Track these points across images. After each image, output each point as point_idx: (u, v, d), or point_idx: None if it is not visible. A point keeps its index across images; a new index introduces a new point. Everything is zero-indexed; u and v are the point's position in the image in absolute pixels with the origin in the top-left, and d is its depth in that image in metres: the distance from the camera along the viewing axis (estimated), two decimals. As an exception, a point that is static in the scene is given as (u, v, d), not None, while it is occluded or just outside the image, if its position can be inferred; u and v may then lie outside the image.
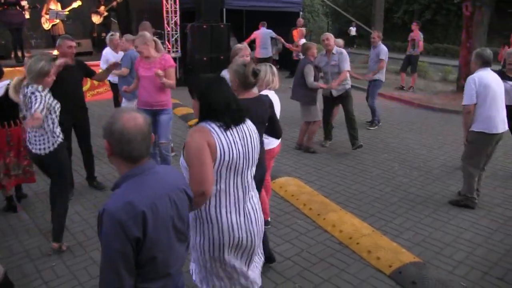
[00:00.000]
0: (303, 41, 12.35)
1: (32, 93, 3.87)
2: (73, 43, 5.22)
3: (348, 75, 7.05)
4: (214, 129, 2.47)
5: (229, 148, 2.48)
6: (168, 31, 12.32)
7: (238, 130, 2.56)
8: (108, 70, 5.67)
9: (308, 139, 7.22)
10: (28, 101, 3.89)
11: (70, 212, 4.71)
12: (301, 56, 12.55)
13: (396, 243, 4.35)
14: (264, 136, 3.67)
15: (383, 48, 8.55)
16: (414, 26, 12.75)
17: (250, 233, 2.65)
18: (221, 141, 2.46)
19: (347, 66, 6.92)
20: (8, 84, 4.52)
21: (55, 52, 11.47)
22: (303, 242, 4.45)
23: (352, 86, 7.27)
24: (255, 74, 3.33)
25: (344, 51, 7.06)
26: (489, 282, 3.83)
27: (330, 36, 7.02)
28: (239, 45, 4.94)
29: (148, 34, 5.48)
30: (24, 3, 10.83)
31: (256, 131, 2.71)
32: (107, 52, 7.81)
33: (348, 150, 7.28)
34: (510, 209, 5.22)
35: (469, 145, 5.13)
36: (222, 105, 2.51)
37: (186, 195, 2.09)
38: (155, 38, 5.69)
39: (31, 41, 13.06)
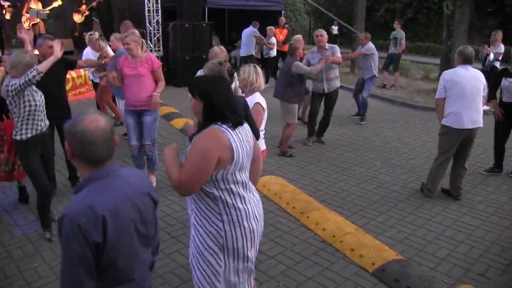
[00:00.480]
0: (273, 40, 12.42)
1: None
2: (53, 43, 5.12)
3: (337, 73, 7.36)
4: (228, 132, 2.43)
5: (241, 148, 2.48)
6: (150, 30, 12.22)
7: (242, 129, 2.55)
8: (101, 63, 5.61)
9: (284, 143, 7.01)
10: (15, 93, 4.01)
11: (53, 212, 4.70)
12: (271, 54, 12.65)
13: (379, 240, 4.37)
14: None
15: (370, 45, 9.06)
16: (396, 25, 12.86)
17: (260, 218, 2.71)
18: (236, 143, 2.44)
19: (340, 56, 7.30)
20: None
21: (36, 52, 11.36)
22: (286, 240, 4.45)
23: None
24: (231, 73, 3.32)
25: (335, 45, 7.44)
26: (470, 278, 3.87)
27: (324, 32, 7.17)
28: (216, 48, 4.91)
29: (137, 32, 5.41)
30: (4, 3, 10.68)
31: (249, 128, 2.69)
32: (88, 51, 7.72)
33: (330, 149, 7.30)
34: (491, 206, 5.28)
35: (439, 137, 5.42)
36: (226, 105, 2.47)
37: (150, 198, 2.06)
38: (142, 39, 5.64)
39: (11, 40, 12.85)
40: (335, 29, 27.34)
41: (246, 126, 2.64)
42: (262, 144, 4.21)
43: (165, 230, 4.58)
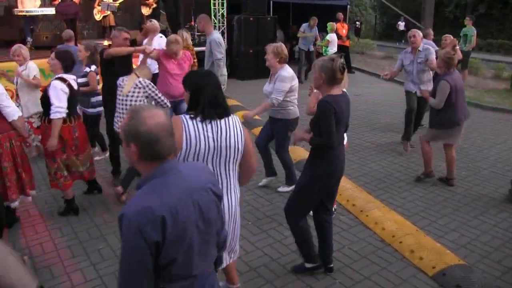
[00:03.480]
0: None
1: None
2: (129, 35, 5.39)
3: (431, 76, 6.92)
4: (186, 122, 2.63)
5: (196, 141, 2.62)
6: (215, 23, 12.41)
7: (213, 125, 2.68)
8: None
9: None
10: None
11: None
12: (329, 51, 12.25)
13: (440, 243, 4.25)
14: None
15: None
16: (468, 21, 12.31)
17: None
18: (189, 134, 2.61)
19: (433, 58, 6.54)
20: (55, 78, 4.50)
21: (105, 43, 11.89)
22: (345, 238, 4.42)
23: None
24: (343, 69, 3.26)
25: (430, 46, 6.90)
26: (538, 289, 3.69)
27: (417, 33, 6.69)
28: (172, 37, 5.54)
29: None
30: None
31: (239, 128, 2.78)
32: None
33: (393, 147, 7.15)
34: None
35: None
36: (208, 98, 2.65)
37: (212, 193, 2.02)
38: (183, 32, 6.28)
39: (83, 32, 13.47)
40: (401, 25, 26.63)
41: (231, 125, 2.74)
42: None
43: (255, 224, 4.67)
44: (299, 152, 6.55)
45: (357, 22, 27.18)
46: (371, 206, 4.96)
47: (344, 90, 3.65)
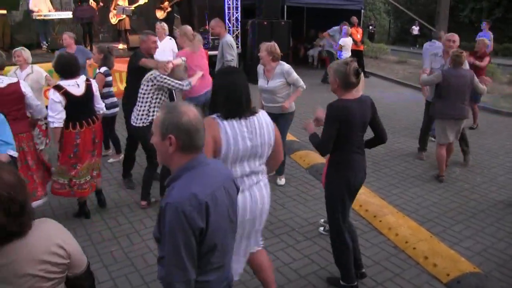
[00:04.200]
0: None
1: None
2: (156, 38, 5.44)
3: None
4: (221, 122, 2.61)
5: (235, 141, 2.61)
6: (229, 27, 12.45)
7: (247, 123, 2.68)
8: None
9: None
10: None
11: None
12: (343, 55, 12.18)
13: (454, 250, 4.20)
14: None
15: None
16: (484, 25, 12.18)
17: (257, 214, 2.84)
18: (227, 134, 2.59)
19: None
20: (87, 81, 4.56)
21: (120, 46, 11.98)
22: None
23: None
24: (357, 73, 3.21)
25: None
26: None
27: (457, 38, 6.36)
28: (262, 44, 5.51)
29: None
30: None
31: (270, 123, 2.80)
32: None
33: (407, 152, 7.09)
34: None
35: None
36: (232, 98, 2.65)
37: (235, 185, 2.15)
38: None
39: (99, 35, 13.61)
40: (415, 30, 26.49)
41: (262, 121, 2.75)
42: None
43: (267, 228, 4.59)
44: (312, 156, 6.53)
45: (371, 27, 27.09)
46: (384, 212, 4.92)
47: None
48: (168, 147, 1.89)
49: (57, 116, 4.31)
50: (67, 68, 4.43)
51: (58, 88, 4.34)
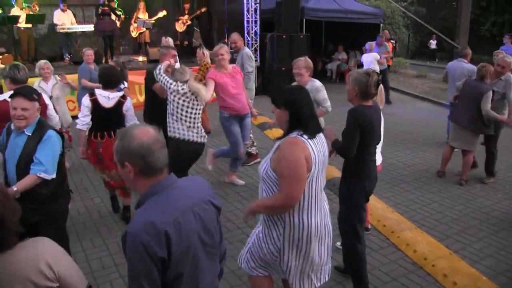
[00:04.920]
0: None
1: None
2: (176, 53, 5.50)
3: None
4: (307, 141, 2.54)
5: (317, 157, 2.56)
6: (248, 40, 12.54)
7: (318, 139, 2.65)
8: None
9: (465, 172, 6.42)
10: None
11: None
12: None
13: (475, 269, 4.11)
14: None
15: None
16: (507, 39, 12.03)
17: (326, 226, 2.77)
18: (314, 152, 2.54)
19: None
20: (122, 97, 4.71)
21: (140, 59, 12.16)
22: (375, 259, 4.34)
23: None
24: (378, 85, 3.28)
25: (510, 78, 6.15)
26: None
27: (508, 63, 6.04)
28: (298, 59, 5.21)
29: (226, 47, 5.80)
30: (118, 12, 11.67)
31: (323, 136, 2.77)
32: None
33: (426, 167, 7.01)
34: None
35: None
36: (309, 114, 2.59)
37: (212, 206, 2.03)
38: (204, 50, 6.37)
39: (120, 48, 13.84)
40: (433, 43, 26.33)
41: (321, 135, 2.72)
42: (379, 159, 4.33)
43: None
44: (329, 170, 6.49)
45: (392, 41, 26.89)
46: (402, 227, 4.86)
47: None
48: (128, 174, 1.85)
49: (82, 119, 4.62)
50: (109, 79, 4.78)
51: (90, 94, 4.68)
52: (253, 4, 12.53)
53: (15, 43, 11.57)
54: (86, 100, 4.63)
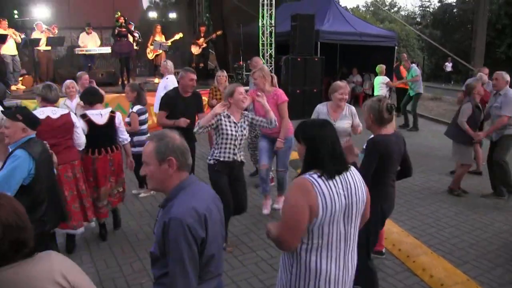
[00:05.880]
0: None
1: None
2: (195, 76, 5.51)
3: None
4: (317, 184, 2.28)
5: (332, 202, 2.28)
6: (263, 63, 12.64)
7: (342, 180, 2.37)
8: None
9: (454, 181, 6.80)
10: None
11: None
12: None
13: (494, 295, 4.02)
14: None
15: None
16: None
17: (346, 286, 2.45)
18: (324, 197, 2.26)
19: (508, 111, 6.20)
20: (112, 112, 4.95)
21: (156, 80, 12.35)
22: (390, 284, 4.26)
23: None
24: (390, 109, 3.36)
25: (509, 92, 6.28)
26: None
27: (502, 75, 6.34)
28: (339, 82, 5.11)
29: (266, 68, 5.75)
30: (136, 34, 11.93)
31: (361, 179, 2.49)
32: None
33: (443, 190, 6.92)
34: None
35: None
36: (329, 153, 2.34)
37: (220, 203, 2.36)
38: (272, 73, 5.99)
39: (136, 69, 14.08)
40: (448, 66, 26.26)
41: (355, 176, 2.44)
42: None
43: None
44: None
45: (447, 64, 26.63)
46: (418, 252, 4.78)
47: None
48: (168, 169, 2.11)
49: (77, 142, 4.70)
50: (90, 96, 5.00)
51: (82, 115, 4.82)
52: (268, 27, 12.68)
53: (35, 65, 11.89)
54: (81, 123, 4.70)
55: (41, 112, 4.32)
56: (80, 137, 4.65)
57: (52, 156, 3.70)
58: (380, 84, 11.35)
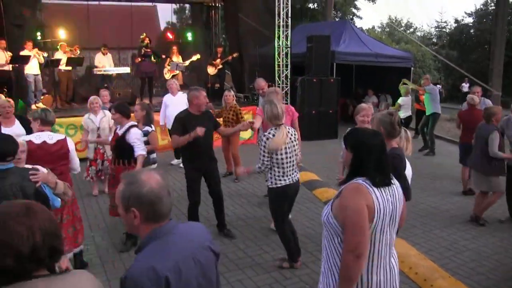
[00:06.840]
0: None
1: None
2: (205, 93, 5.63)
3: None
4: (372, 189, 2.36)
5: (384, 207, 2.37)
6: (279, 84, 12.73)
7: (389, 188, 2.45)
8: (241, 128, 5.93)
9: (482, 209, 6.40)
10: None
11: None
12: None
13: (514, 322, 3.93)
14: None
15: None
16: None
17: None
18: (378, 201, 2.34)
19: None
20: (130, 126, 5.10)
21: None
22: (407, 308, 4.20)
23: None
24: (400, 123, 3.44)
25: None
26: None
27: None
28: (363, 105, 5.30)
29: (279, 90, 6.05)
30: (163, 56, 12.32)
31: (399, 186, 2.58)
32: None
33: (460, 213, 6.82)
34: None
35: None
36: (375, 161, 2.40)
37: (211, 251, 2.05)
38: (277, 88, 6.30)
39: (153, 89, 14.30)
40: (465, 87, 26.04)
41: (397, 184, 2.55)
42: None
43: (223, 275, 4.63)
44: (331, 192, 6.38)
45: (464, 85, 26.34)
46: (436, 276, 4.70)
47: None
48: (133, 219, 1.86)
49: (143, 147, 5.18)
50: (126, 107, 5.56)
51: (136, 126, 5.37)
52: (284, 48, 12.79)
53: (55, 85, 12.14)
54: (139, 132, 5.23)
55: (38, 137, 4.33)
56: (76, 162, 4.63)
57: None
58: (405, 105, 11.34)
